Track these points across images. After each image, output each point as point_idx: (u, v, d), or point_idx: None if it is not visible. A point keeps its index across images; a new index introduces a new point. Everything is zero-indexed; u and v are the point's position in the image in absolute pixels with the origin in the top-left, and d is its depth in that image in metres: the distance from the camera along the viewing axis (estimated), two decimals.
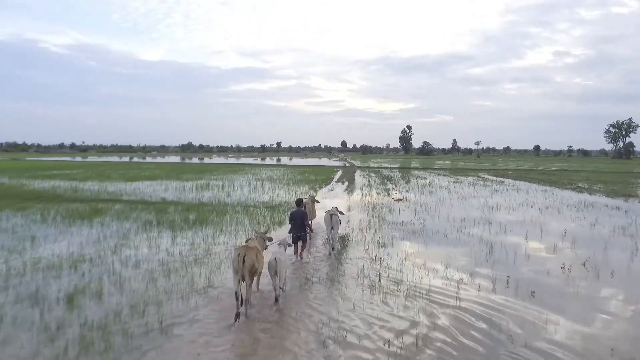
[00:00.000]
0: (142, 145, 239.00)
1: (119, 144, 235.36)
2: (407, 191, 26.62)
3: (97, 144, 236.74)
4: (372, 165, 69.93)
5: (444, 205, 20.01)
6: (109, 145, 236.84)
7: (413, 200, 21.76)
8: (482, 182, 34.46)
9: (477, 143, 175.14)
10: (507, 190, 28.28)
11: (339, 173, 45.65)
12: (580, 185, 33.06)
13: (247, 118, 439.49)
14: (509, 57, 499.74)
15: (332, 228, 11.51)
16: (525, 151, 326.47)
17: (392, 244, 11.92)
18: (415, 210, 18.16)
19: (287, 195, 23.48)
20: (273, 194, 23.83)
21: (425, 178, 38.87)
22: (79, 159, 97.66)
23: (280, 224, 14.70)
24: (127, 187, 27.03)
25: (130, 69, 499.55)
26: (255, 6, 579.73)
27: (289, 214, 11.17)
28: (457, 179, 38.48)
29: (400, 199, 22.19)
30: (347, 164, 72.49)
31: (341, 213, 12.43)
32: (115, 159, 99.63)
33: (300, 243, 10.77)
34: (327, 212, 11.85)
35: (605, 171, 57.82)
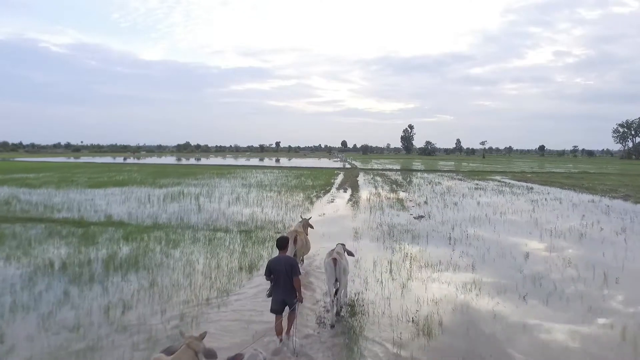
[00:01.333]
0: (141, 144, 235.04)
1: (118, 144, 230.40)
2: (425, 202, 21.44)
3: (95, 144, 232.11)
4: (375, 166, 64.71)
5: (483, 227, 14.81)
6: (106, 145, 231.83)
7: (439, 219, 16.55)
8: (508, 189, 29.23)
9: (483, 143, 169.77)
10: (546, 200, 23.08)
11: (340, 177, 40.43)
12: (625, 192, 27.86)
13: (247, 118, 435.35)
14: (509, 57, 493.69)
15: (336, 279, 6.52)
16: (528, 151, 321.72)
17: (440, 322, 6.70)
18: (450, 238, 12.94)
19: (273, 210, 18.28)
20: (256, 209, 18.61)
21: (439, 183, 33.65)
22: (71, 159, 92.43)
23: (250, 269, 9.47)
24: (78, 197, 21.82)
25: (130, 69, 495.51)
26: (255, 6, 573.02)
27: (266, 264, 6.08)
28: (477, 184, 33.25)
29: (422, 216, 16.98)
30: (348, 166, 67.31)
31: (350, 254, 7.38)
32: (108, 159, 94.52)
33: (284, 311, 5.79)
34: (329, 253, 6.87)
35: (632, 174, 52.56)
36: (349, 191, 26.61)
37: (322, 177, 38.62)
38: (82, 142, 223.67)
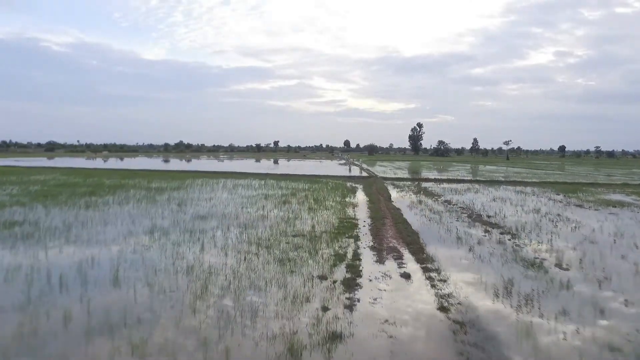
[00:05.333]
0: (140, 144, 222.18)
1: (116, 144, 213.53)
2: None
3: (90, 143, 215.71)
4: (398, 174, 47.64)
5: None
6: (99, 144, 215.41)
7: None
8: None
9: (507, 143, 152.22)
10: None
11: (361, 198, 23.44)
12: None
13: (248, 118, 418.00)
14: (510, 57, 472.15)
15: None
16: (536, 151, 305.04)
17: None
18: None
19: None
20: None
21: (562, 217, 16.73)
22: (30, 160, 75.33)
23: None
24: None
25: (132, 69, 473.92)
26: (256, 6, 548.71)
27: None
28: (632, 217, 16.27)
29: None
30: (357, 171, 50.27)
31: None
32: (71, 160, 78.07)
33: None
34: None
35: None
36: (419, 277, 9.49)
37: (331, 199, 21.58)
38: (78, 141, 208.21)
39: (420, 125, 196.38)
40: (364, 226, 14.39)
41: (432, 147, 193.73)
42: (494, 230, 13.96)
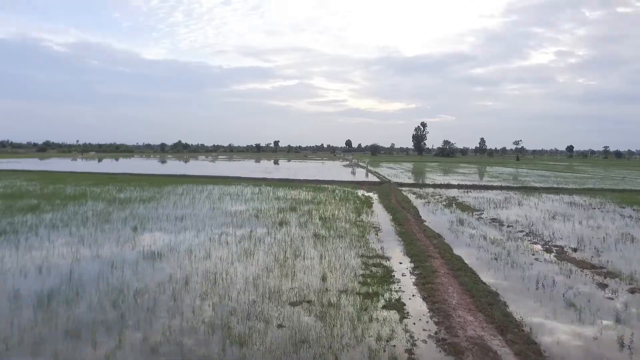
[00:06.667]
0: (141, 144, 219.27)
1: (115, 143, 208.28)
2: None
3: (88, 143, 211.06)
4: (414, 179, 42.42)
5: None
6: (95, 144, 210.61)
7: None
8: None
9: (517, 143, 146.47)
10: None
11: (383, 216, 18.26)
12: None
13: (248, 118, 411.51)
14: (511, 57, 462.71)
15: None
16: (540, 152, 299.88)
17: None
18: None
19: None
20: None
21: None
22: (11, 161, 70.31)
23: None
24: None
25: (133, 69, 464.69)
26: (257, 6, 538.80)
27: None
28: None
29: None
30: (363, 174, 45.01)
31: None
32: (53, 162, 73.31)
33: None
34: None
35: None
36: None
37: (342, 217, 16.32)
38: (77, 141, 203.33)
39: (424, 124, 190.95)
40: (404, 275, 9.20)
41: (434, 147, 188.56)
42: (613, 284, 8.77)
